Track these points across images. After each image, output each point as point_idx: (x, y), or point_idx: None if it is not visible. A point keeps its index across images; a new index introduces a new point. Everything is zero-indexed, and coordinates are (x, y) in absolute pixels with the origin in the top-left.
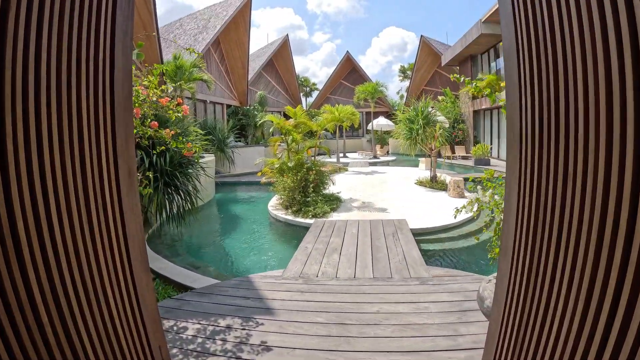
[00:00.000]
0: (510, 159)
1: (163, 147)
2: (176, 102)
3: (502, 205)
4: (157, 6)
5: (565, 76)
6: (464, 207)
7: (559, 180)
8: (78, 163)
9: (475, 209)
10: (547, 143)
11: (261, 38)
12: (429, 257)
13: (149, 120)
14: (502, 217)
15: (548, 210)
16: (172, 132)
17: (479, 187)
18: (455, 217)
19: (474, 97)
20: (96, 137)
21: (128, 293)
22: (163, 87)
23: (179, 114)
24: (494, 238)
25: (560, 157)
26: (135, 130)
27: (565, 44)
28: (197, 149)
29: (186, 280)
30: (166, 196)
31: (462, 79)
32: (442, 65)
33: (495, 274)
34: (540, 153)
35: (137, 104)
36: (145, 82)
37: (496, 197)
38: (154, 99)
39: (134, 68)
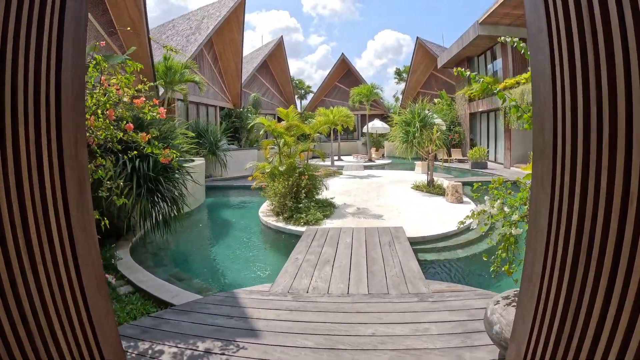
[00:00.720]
0: (538, 170)
1: (135, 152)
2: (152, 103)
3: (512, 217)
4: (153, 8)
5: (626, 61)
6: (468, 217)
7: (616, 201)
8: (12, 172)
9: (481, 221)
10: (597, 151)
11: (256, 40)
12: (428, 268)
13: (124, 122)
14: (512, 230)
15: (597, 238)
16: (149, 135)
17: (486, 197)
18: (457, 228)
19: (470, 100)
20: (36, 142)
21: (81, 325)
22: (140, 86)
23: (155, 115)
24: (499, 252)
25: (618, 170)
26: (104, 134)
27: (624, 13)
28: (175, 154)
29: (166, 295)
30: (150, 203)
31: (467, 73)
32: (439, 67)
33: (503, 294)
34: (585, 164)
35: (108, 105)
36: (114, 81)
37: (505, 208)
38: (125, 99)
39: (105, 66)
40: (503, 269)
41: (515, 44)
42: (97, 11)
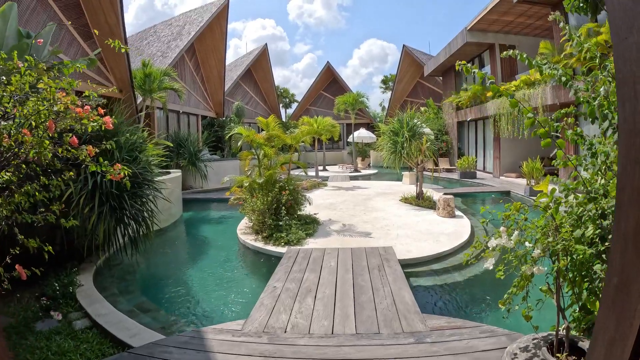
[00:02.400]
0: (628, 223)
1: (71, 173)
2: (96, 113)
3: (535, 251)
4: (139, 15)
5: None
6: (475, 247)
7: None
8: None
9: (493, 259)
10: None
11: (242, 48)
12: (423, 295)
13: (69, 136)
14: (534, 270)
15: None
16: (95, 149)
17: (502, 228)
18: (464, 264)
19: (458, 108)
20: None
21: None
22: (87, 92)
23: (96, 125)
24: (513, 289)
25: None
26: (33, 152)
27: None
28: (127, 171)
29: (124, 334)
30: (115, 222)
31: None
32: (425, 75)
33: (520, 344)
34: None
35: (43, 115)
36: (41, 85)
37: (527, 243)
38: (59, 109)
39: (42, 67)
40: (516, 307)
41: (518, 56)
42: (73, 15)
